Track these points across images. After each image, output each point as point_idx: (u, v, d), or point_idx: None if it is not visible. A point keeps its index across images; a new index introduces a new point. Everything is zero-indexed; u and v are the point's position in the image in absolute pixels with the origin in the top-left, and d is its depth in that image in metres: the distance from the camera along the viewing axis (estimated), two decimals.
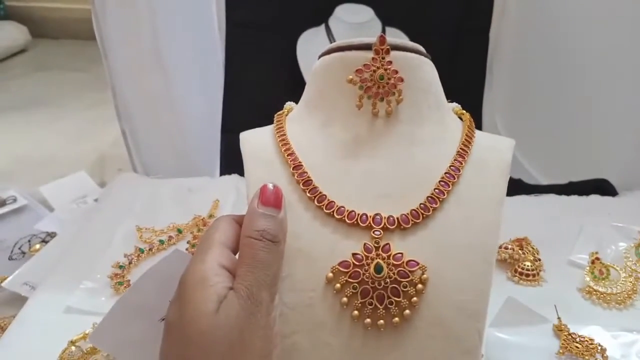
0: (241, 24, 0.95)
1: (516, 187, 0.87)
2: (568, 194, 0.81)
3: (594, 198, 0.80)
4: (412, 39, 0.38)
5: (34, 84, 1.63)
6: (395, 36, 0.87)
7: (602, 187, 0.83)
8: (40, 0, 2.00)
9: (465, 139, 0.36)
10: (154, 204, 0.81)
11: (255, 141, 0.38)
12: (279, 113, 0.40)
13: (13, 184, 0.94)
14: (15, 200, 0.88)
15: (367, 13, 0.96)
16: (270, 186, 0.32)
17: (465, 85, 0.96)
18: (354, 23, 0.95)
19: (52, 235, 0.79)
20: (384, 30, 0.93)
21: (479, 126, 0.82)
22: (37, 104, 1.46)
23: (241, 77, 0.96)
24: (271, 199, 0.31)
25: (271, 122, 0.40)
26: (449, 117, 0.38)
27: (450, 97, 0.40)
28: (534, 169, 0.93)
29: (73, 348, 0.53)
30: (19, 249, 0.78)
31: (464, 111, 0.39)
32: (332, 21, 0.96)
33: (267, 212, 0.31)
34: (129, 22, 0.83)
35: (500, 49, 0.93)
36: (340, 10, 0.97)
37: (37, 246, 0.77)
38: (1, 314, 0.65)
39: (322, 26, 0.97)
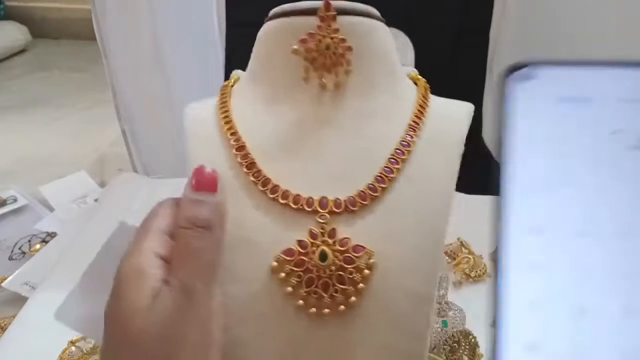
0: (241, 24, 0.95)
1: None
2: None
3: None
4: (412, 39, 0.38)
5: (34, 84, 1.63)
6: (396, 36, 0.87)
7: None
8: (40, 0, 2.00)
9: (418, 109, 0.33)
10: (154, 204, 0.81)
11: (197, 117, 0.35)
12: (224, 84, 0.37)
13: (13, 184, 0.94)
14: (15, 200, 0.88)
15: None
16: (205, 169, 0.29)
17: (465, 85, 0.96)
18: None
19: (52, 235, 0.79)
20: None
21: (479, 126, 0.82)
22: (37, 104, 1.46)
23: None
24: (203, 183, 0.29)
25: None
26: (404, 85, 0.35)
27: (450, 96, 0.39)
28: None
29: (73, 348, 0.53)
30: (19, 249, 0.78)
31: (420, 77, 0.37)
32: None
33: (199, 198, 0.29)
34: (129, 22, 0.83)
35: (501, 49, 0.93)
36: None
37: (37, 246, 0.77)
38: (1, 314, 0.65)
39: None
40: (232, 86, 0.37)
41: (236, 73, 0.38)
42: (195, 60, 0.94)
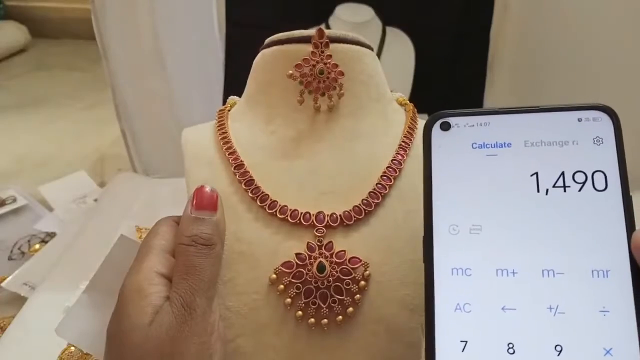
0: (241, 24, 0.95)
1: None
2: None
3: None
4: (412, 38, 0.38)
5: (33, 84, 1.63)
6: (396, 36, 0.87)
7: None
8: (40, 0, 2.00)
9: (408, 131, 0.35)
10: (154, 204, 0.81)
11: (196, 139, 0.37)
12: (220, 108, 0.39)
13: (13, 184, 0.94)
14: (14, 200, 0.88)
15: (367, 12, 0.96)
16: (206, 188, 0.31)
17: (465, 84, 0.96)
18: (354, 22, 0.95)
19: (51, 235, 0.79)
20: (384, 30, 0.93)
21: None
22: (37, 103, 1.46)
23: (241, 77, 0.96)
24: (204, 202, 0.30)
25: None
26: (392, 108, 0.38)
27: (450, 95, 0.40)
28: None
29: (73, 348, 0.53)
30: (19, 249, 0.77)
31: (407, 101, 0.39)
32: (332, 21, 0.96)
33: (200, 216, 0.30)
34: (129, 22, 0.83)
35: (501, 47, 0.93)
36: (341, 10, 0.97)
37: (37, 246, 0.77)
38: (1, 314, 0.65)
39: (322, 26, 0.97)
40: (229, 110, 0.39)
41: (232, 98, 0.40)
42: (195, 60, 0.94)
